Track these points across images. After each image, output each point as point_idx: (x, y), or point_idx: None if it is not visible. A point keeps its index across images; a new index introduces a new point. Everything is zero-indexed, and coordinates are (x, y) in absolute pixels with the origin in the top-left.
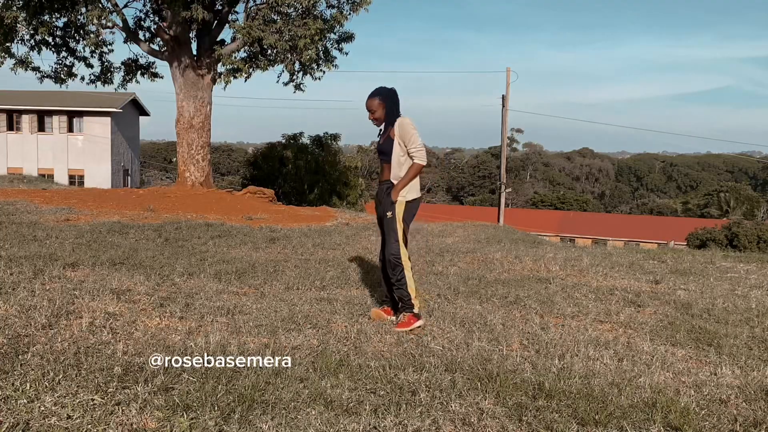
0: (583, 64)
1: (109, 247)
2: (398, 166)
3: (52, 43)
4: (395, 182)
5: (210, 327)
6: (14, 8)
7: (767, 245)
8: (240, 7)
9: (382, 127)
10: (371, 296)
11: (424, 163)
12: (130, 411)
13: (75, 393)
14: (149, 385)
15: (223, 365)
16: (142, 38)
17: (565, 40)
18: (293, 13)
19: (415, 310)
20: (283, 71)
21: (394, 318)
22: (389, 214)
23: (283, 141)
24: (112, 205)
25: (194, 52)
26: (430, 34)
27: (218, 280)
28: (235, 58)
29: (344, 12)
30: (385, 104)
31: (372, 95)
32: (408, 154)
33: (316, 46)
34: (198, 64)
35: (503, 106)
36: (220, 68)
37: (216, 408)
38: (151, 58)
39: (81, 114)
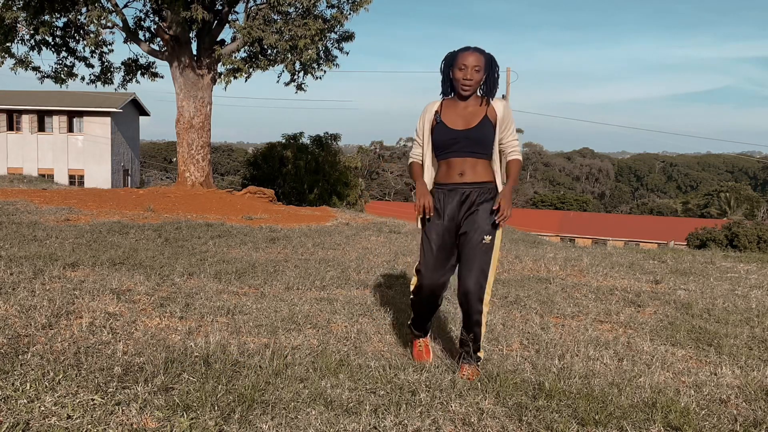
0: (583, 64)
1: (109, 247)
2: (496, 162)
3: (52, 43)
4: (500, 186)
5: (210, 327)
6: (14, 8)
7: (767, 245)
8: (240, 7)
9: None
10: (371, 296)
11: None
12: (130, 411)
13: (75, 393)
14: (149, 385)
15: (223, 365)
16: (142, 38)
17: (565, 40)
18: (293, 13)
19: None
20: (283, 71)
21: (430, 360)
22: (488, 238)
23: (283, 141)
24: (112, 205)
25: (194, 52)
26: (430, 34)
27: (218, 280)
28: (235, 58)
29: (344, 12)
30: (490, 69)
31: (476, 50)
32: (505, 145)
33: (317, 46)
34: (198, 64)
35: None
36: (220, 68)
37: (216, 408)
38: (151, 58)
39: (81, 114)
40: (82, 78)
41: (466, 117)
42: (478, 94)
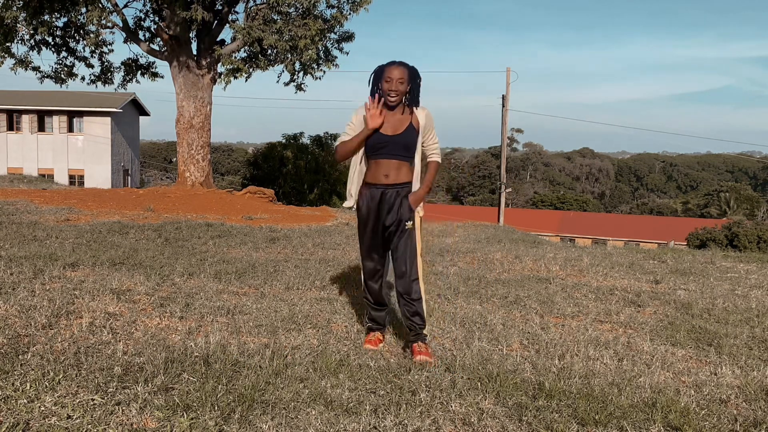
0: (583, 64)
1: (109, 247)
2: (417, 165)
3: (52, 43)
4: (415, 186)
5: (210, 327)
6: (14, 8)
7: (767, 245)
8: (240, 7)
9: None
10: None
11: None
12: (130, 411)
13: (75, 393)
14: (149, 385)
15: (223, 365)
16: (142, 38)
17: (565, 40)
18: (293, 13)
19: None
20: (283, 71)
21: (381, 346)
22: (409, 224)
23: (283, 141)
24: (112, 205)
25: (194, 52)
26: (429, 33)
27: (218, 280)
28: (235, 58)
29: (344, 12)
30: (413, 81)
31: (401, 64)
32: (427, 148)
33: (317, 46)
34: (198, 64)
35: (503, 106)
36: (220, 68)
37: (216, 408)
38: (151, 58)
39: (81, 114)
40: (82, 78)
41: (394, 124)
42: (404, 103)
